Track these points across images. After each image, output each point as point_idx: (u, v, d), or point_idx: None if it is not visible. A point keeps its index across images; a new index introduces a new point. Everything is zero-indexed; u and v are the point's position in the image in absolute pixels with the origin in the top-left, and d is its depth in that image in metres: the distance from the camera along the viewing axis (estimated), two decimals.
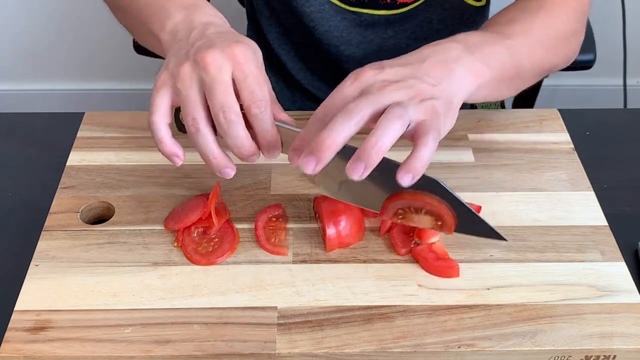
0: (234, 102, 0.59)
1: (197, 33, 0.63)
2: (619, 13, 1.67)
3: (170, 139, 0.62)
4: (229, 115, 0.59)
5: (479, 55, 0.64)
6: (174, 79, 0.60)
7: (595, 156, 0.83)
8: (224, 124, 0.59)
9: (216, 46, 0.59)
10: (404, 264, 0.69)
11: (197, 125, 0.59)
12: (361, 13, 0.93)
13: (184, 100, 0.60)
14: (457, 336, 0.62)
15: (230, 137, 0.60)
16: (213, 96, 0.59)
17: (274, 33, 1.01)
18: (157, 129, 0.61)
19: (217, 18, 0.67)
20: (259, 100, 0.59)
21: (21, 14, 1.90)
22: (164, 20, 0.67)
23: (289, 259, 0.69)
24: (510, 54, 0.68)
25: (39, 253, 0.69)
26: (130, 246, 0.70)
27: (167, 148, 0.62)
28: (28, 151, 0.86)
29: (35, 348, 0.61)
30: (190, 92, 0.59)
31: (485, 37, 0.68)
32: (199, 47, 0.60)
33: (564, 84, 1.96)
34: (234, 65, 0.59)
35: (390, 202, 0.65)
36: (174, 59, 0.61)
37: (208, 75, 0.58)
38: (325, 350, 0.62)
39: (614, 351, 0.62)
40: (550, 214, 0.74)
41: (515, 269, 0.68)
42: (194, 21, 0.65)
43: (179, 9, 0.66)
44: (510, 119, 0.86)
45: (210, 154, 0.61)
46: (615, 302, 0.65)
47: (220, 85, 0.58)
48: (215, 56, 0.58)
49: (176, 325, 0.63)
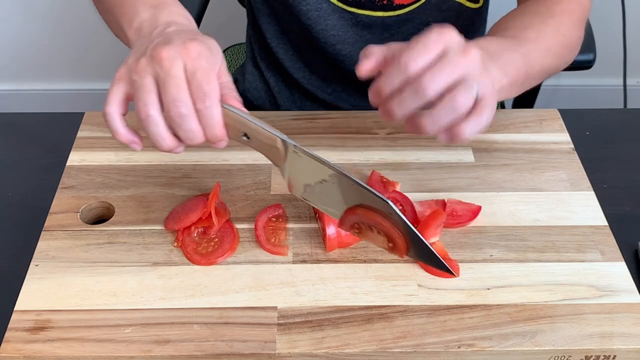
0: (186, 96, 0.60)
1: (158, 31, 0.65)
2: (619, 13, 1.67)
3: (124, 128, 0.63)
4: (180, 108, 0.60)
5: (498, 62, 0.67)
6: (131, 72, 0.62)
7: (595, 156, 0.83)
8: (175, 117, 0.60)
9: (172, 42, 0.61)
10: (404, 264, 0.69)
11: (147, 110, 0.60)
12: (358, 13, 0.93)
13: (137, 89, 0.61)
14: (457, 336, 0.62)
15: (182, 130, 0.61)
16: (166, 90, 0.60)
17: (272, 32, 1.01)
18: (110, 120, 0.62)
19: (182, 17, 0.68)
20: (203, 95, 0.60)
21: (21, 14, 1.90)
22: (132, 18, 0.69)
23: (289, 259, 0.69)
24: (524, 60, 0.71)
25: (39, 253, 0.69)
26: (130, 246, 0.70)
27: (122, 137, 0.63)
28: (28, 151, 0.86)
29: (35, 348, 0.61)
30: (144, 81, 0.60)
31: (503, 44, 0.70)
32: (157, 44, 0.61)
33: (564, 84, 1.96)
34: (185, 60, 0.60)
35: (347, 215, 0.66)
36: (133, 55, 0.63)
37: (162, 70, 0.60)
38: (325, 350, 0.62)
39: (614, 351, 0.62)
40: (551, 214, 0.74)
41: (515, 269, 0.68)
42: (158, 20, 0.67)
43: (147, 7, 0.68)
44: (510, 119, 0.86)
45: (161, 140, 0.62)
46: (615, 302, 0.65)
47: (173, 79, 0.60)
48: (170, 52, 0.60)
49: (176, 325, 0.63)
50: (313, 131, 0.85)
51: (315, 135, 0.84)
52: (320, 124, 0.86)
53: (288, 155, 0.65)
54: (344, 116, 0.87)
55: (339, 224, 0.67)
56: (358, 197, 0.64)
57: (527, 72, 0.72)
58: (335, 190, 0.65)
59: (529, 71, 0.72)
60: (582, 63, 1.07)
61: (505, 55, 0.68)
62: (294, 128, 0.85)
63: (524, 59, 0.71)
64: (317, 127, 0.85)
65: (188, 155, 0.80)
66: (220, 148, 0.64)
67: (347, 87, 1.02)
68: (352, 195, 0.64)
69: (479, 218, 0.73)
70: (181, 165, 0.79)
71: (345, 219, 0.66)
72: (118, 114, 0.62)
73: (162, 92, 0.60)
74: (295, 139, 0.83)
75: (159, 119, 0.61)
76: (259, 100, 1.09)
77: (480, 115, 0.61)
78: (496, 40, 0.71)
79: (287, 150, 0.64)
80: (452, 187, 0.77)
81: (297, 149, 0.64)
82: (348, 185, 0.64)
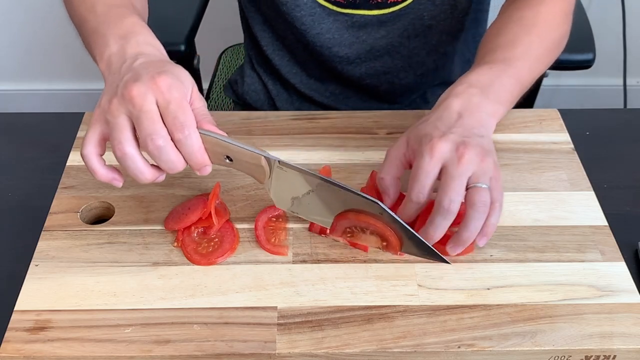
0: (161, 128, 0.61)
1: (126, 66, 0.65)
2: (619, 13, 1.67)
3: (102, 167, 0.64)
4: (156, 141, 0.61)
5: (493, 96, 0.72)
6: (105, 113, 0.63)
7: (595, 156, 0.83)
8: (153, 150, 0.61)
9: (141, 79, 0.62)
10: (404, 264, 0.69)
11: (123, 148, 0.61)
12: (353, 14, 0.93)
13: (112, 129, 0.62)
14: (457, 336, 0.62)
15: (162, 161, 0.62)
16: (140, 125, 0.61)
17: (267, 39, 1.01)
18: (88, 160, 0.64)
19: (149, 46, 0.68)
20: (181, 125, 0.61)
21: (21, 14, 1.90)
22: (102, 50, 0.69)
23: (289, 259, 0.69)
24: (515, 82, 0.75)
25: (39, 253, 0.69)
26: (130, 246, 0.70)
27: (102, 176, 0.64)
28: (28, 151, 0.86)
29: (35, 348, 0.61)
30: (117, 120, 0.61)
31: (494, 72, 0.74)
32: (126, 83, 0.62)
33: (564, 84, 1.96)
34: (156, 95, 0.61)
35: (338, 221, 0.68)
36: (106, 96, 0.64)
37: (135, 107, 0.61)
38: (325, 350, 0.62)
39: (614, 351, 0.62)
40: (550, 214, 0.74)
41: (515, 269, 0.68)
42: (126, 52, 0.67)
43: (116, 38, 0.69)
44: (510, 119, 0.86)
45: (140, 174, 0.63)
46: (615, 302, 0.65)
47: (146, 114, 0.61)
48: (140, 88, 0.61)
49: (176, 325, 0.63)
50: (313, 131, 0.85)
51: (315, 135, 0.84)
52: (320, 124, 0.86)
53: (273, 172, 0.66)
54: (344, 116, 0.87)
55: (331, 230, 0.68)
56: (347, 202, 0.66)
57: (521, 89, 0.76)
58: (323, 199, 0.67)
59: (522, 87, 0.76)
60: (582, 62, 1.07)
61: (497, 84, 0.73)
62: (294, 128, 0.85)
63: (516, 80, 0.75)
64: (317, 127, 0.85)
65: None
66: (206, 174, 0.65)
67: (345, 89, 1.03)
68: (341, 201, 0.66)
69: None
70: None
71: (337, 225, 0.68)
72: (95, 155, 0.63)
73: (138, 129, 0.61)
74: (295, 139, 0.83)
75: (135, 155, 0.62)
76: (257, 102, 1.09)
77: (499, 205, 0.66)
78: (487, 69, 0.74)
79: (271, 167, 0.65)
80: None
81: (281, 164, 0.65)
82: (336, 193, 0.66)
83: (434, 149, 0.65)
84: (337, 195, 0.66)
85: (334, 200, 0.67)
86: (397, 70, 1.00)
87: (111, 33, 0.69)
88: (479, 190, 0.65)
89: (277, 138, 0.83)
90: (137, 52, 0.67)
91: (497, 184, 0.66)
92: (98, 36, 0.70)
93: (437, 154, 0.65)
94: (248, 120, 0.86)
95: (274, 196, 0.69)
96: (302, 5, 0.92)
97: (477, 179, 0.65)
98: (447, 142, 0.65)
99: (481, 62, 0.77)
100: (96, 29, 0.71)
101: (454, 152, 0.65)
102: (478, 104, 0.70)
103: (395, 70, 0.99)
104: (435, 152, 0.65)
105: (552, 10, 0.82)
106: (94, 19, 0.72)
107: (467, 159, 0.65)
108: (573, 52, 1.08)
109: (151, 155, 0.62)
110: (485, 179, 0.65)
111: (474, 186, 0.65)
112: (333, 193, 0.66)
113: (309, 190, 0.67)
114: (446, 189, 0.64)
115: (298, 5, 0.92)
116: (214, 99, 1.27)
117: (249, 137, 0.83)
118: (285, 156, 0.80)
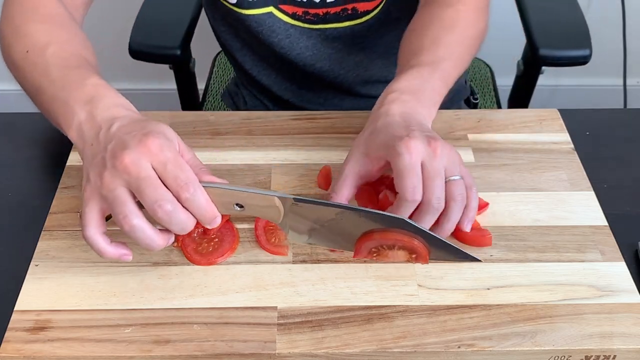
0: (165, 192, 0.59)
1: (104, 134, 0.63)
2: (619, 13, 1.67)
3: (110, 247, 0.62)
4: (165, 206, 0.59)
5: (425, 100, 0.74)
6: (99, 189, 0.61)
7: (595, 156, 0.83)
8: (163, 216, 0.59)
9: (129, 145, 0.60)
10: (404, 264, 0.69)
11: (130, 222, 0.59)
12: (325, 29, 0.94)
13: (112, 203, 0.60)
14: (457, 336, 0.62)
15: (174, 224, 0.60)
16: (143, 194, 0.59)
17: (250, 62, 1.02)
18: (94, 242, 0.62)
19: (120, 108, 0.66)
20: (185, 184, 0.60)
21: None
22: (69, 119, 0.66)
23: (289, 259, 0.69)
24: (442, 83, 0.77)
25: (39, 253, 0.69)
26: (131, 246, 0.70)
27: (111, 255, 0.62)
28: (28, 151, 0.86)
29: (35, 348, 0.61)
30: (116, 193, 0.59)
31: (422, 76, 0.76)
32: (114, 152, 0.60)
33: (564, 84, 1.96)
34: (150, 158, 0.59)
35: (362, 243, 0.67)
36: (93, 170, 0.62)
37: (131, 176, 0.59)
38: (325, 350, 0.62)
39: (614, 351, 0.62)
40: (550, 214, 0.74)
41: (515, 269, 0.68)
42: (96, 118, 0.64)
43: (82, 105, 0.65)
44: (510, 119, 0.86)
45: (152, 243, 0.61)
46: (615, 302, 0.65)
47: (146, 180, 0.59)
48: (132, 156, 0.59)
49: (176, 325, 0.63)
50: (313, 131, 0.85)
51: (315, 135, 0.84)
52: (320, 124, 0.86)
53: (287, 210, 0.65)
54: (344, 116, 0.87)
55: (355, 254, 0.68)
56: (371, 223, 0.66)
57: (447, 89, 0.78)
58: (344, 225, 0.66)
59: (448, 87, 0.78)
60: (578, 59, 1.07)
61: (427, 88, 0.75)
62: (294, 128, 0.85)
63: (443, 81, 0.77)
64: (317, 127, 0.85)
65: None
66: (216, 226, 0.63)
67: (338, 94, 1.04)
68: (364, 223, 0.66)
69: (479, 218, 0.73)
70: None
71: (362, 246, 0.67)
72: (100, 235, 0.62)
73: (140, 197, 0.59)
74: (295, 139, 0.83)
75: (144, 225, 0.60)
76: None
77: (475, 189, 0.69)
78: (415, 74, 0.76)
79: (285, 206, 0.64)
80: None
81: (296, 201, 0.64)
82: (358, 216, 0.65)
83: (411, 147, 0.65)
84: (360, 218, 0.65)
85: (356, 224, 0.66)
86: (377, 67, 1.01)
87: (74, 99, 0.66)
88: (455, 184, 0.67)
89: (277, 138, 0.83)
90: (109, 117, 0.64)
91: (465, 170, 0.69)
92: (60, 104, 0.67)
93: (415, 150, 0.65)
94: (248, 120, 0.86)
95: (291, 234, 0.68)
96: (277, 30, 0.94)
97: (451, 172, 0.67)
98: (419, 139, 0.66)
99: (407, 65, 0.78)
100: (55, 96, 0.68)
101: (428, 147, 0.66)
102: (414, 108, 0.72)
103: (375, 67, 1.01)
104: (412, 150, 0.65)
105: (469, 8, 0.84)
106: (51, 86, 0.69)
107: (440, 152, 0.66)
108: (570, 48, 1.08)
109: (161, 222, 0.60)
110: (457, 169, 0.68)
111: (449, 180, 0.67)
112: (353, 218, 0.65)
113: (330, 219, 0.66)
114: (432, 187, 0.65)
115: (274, 31, 0.94)
116: (210, 102, 1.27)
117: (249, 137, 0.83)
118: (285, 156, 0.80)
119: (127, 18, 1.16)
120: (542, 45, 1.07)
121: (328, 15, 0.93)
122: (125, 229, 0.60)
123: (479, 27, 0.85)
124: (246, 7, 0.91)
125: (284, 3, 0.91)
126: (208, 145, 0.82)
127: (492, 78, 1.33)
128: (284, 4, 0.91)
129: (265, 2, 0.91)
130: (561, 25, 1.12)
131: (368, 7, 0.93)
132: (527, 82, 1.16)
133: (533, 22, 1.12)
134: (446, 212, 0.67)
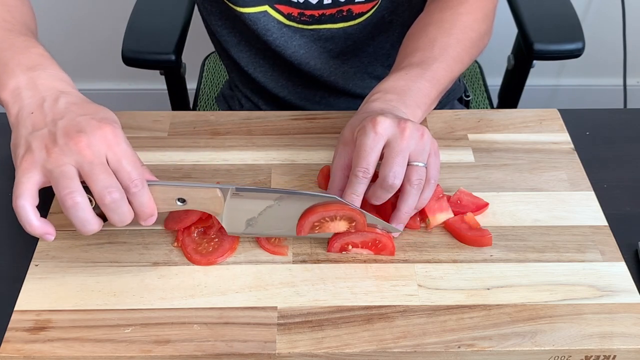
0: (116, 182, 0.61)
1: (50, 106, 0.63)
2: (619, 13, 1.67)
3: (38, 220, 0.62)
4: (114, 194, 0.60)
5: (410, 101, 0.74)
6: (44, 162, 0.61)
7: (595, 156, 0.83)
8: (110, 203, 0.61)
9: (85, 129, 0.61)
10: (404, 264, 0.69)
11: (74, 198, 0.60)
12: (319, 29, 0.95)
13: (57, 177, 0.60)
14: (457, 336, 0.62)
15: (116, 214, 0.62)
16: (96, 178, 0.60)
17: (246, 58, 1.02)
18: (24, 213, 0.61)
19: (63, 82, 0.66)
20: (135, 180, 0.62)
21: None
22: (5, 79, 0.66)
23: (289, 259, 0.69)
24: (432, 85, 0.77)
25: (39, 253, 0.70)
26: (130, 246, 0.70)
27: (37, 230, 0.62)
28: None
29: (35, 348, 0.61)
30: (64, 169, 0.60)
31: (410, 76, 0.76)
32: (67, 131, 0.61)
33: (564, 84, 1.96)
34: (106, 149, 0.61)
35: (305, 220, 0.67)
36: (37, 142, 0.62)
37: (85, 160, 0.60)
38: (325, 350, 0.62)
39: (614, 351, 0.62)
40: (550, 214, 0.74)
41: (515, 269, 0.68)
42: (39, 87, 0.65)
43: (23, 69, 0.66)
44: (510, 119, 0.86)
45: (87, 224, 0.62)
46: (615, 302, 0.65)
47: (100, 167, 0.60)
48: (89, 140, 0.61)
49: (176, 325, 0.63)
50: (313, 131, 0.85)
51: (314, 135, 0.84)
52: (320, 124, 0.86)
53: (227, 201, 0.66)
54: (344, 116, 0.87)
55: (298, 231, 0.68)
56: (309, 204, 0.67)
57: (438, 91, 0.78)
58: (283, 210, 0.67)
59: (439, 89, 0.78)
60: (571, 52, 1.08)
61: (414, 89, 0.75)
62: (294, 128, 0.85)
63: (432, 83, 0.77)
64: (316, 126, 0.85)
65: (188, 155, 0.80)
66: (150, 224, 0.65)
67: (333, 93, 1.04)
68: (303, 205, 0.67)
69: (479, 218, 0.73)
70: (181, 165, 0.79)
71: (305, 222, 0.68)
72: (31, 206, 0.61)
73: (89, 180, 0.60)
74: (295, 139, 0.83)
75: (86, 205, 0.61)
76: None
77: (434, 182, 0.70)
78: (403, 75, 0.76)
79: (226, 196, 0.65)
80: (452, 187, 0.77)
81: (237, 191, 0.65)
82: (296, 200, 0.66)
83: (377, 125, 0.66)
84: (298, 201, 0.66)
85: (295, 207, 0.67)
86: (369, 68, 1.02)
87: (16, 63, 0.66)
88: (417, 169, 0.67)
89: (277, 138, 0.83)
90: (53, 89, 0.65)
91: (435, 161, 0.70)
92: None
93: (381, 129, 0.66)
94: (248, 120, 0.86)
95: (227, 224, 0.68)
96: (272, 29, 0.94)
97: (416, 157, 0.67)
98: (388, 118, 0.67)
99: (398, 67, 0.78)
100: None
101: (395, 127, 0.67)
102: (396, 107, 0.73)
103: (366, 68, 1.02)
104: (378, 128, 0.66)
105: (471, 11, 0.84)
106: None
107: (408, 134, 0.66)
108: (562, 42, 1.08)
109: (105, 208, 0.61)
110: (424, 156, 0.68)
111: (411, 164, 0.67)
112: (293, 201, 0.66)
113: (267, 207, 0.67)
114: (391, 163, 0.66)
115: (268, 29, 0.94)
116: (202, 106, 1.28)
117: (249, 137, 0.83)
118: (286, 156, 0.80)
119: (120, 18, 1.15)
120: (537, 39, 1.08)
121: (323, 17, 0.93)
122: (67, 204, 0.60)
123: (480, 30, 0.85)
124: (241, 4, 0.91)
125: (280, 3, 0.91)
126: (208, 145, 0.82)
127: (481, 75, 1.34)
128: (280, 4, 0.92)
129: (261, 0, 0.91)
130: (553, 19, 1.13)
131: (363, 9, 0.93)
132: (518, 76, 1.17)
133: (525, 17, 1.12)
134: (401, 195, 0.68)
